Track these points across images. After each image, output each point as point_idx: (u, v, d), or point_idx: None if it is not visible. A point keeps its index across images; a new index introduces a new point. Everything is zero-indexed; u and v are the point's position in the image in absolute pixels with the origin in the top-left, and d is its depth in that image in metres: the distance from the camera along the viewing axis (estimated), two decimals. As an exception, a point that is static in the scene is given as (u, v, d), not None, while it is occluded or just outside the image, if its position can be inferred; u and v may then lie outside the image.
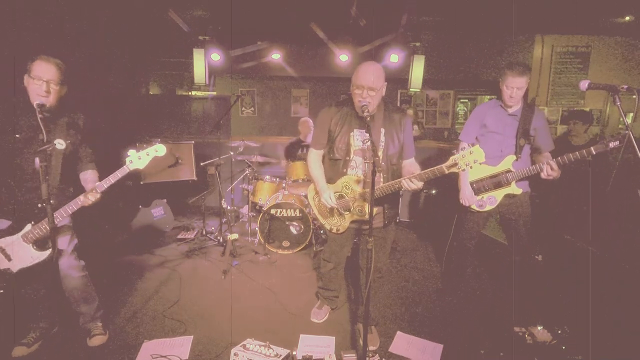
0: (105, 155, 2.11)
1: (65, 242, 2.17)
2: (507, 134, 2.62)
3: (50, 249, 2.02)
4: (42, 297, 2.24)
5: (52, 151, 2.02)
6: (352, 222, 2.28)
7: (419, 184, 1.91)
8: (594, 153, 2.19)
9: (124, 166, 2.01)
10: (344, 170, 2.19)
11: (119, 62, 5.07)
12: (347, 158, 2.16)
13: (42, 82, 1.93)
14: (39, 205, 2.00)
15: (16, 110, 2.00)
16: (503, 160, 2.61)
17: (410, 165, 2.21)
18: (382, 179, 2.12)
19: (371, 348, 2.30)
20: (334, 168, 2.23)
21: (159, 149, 2.05)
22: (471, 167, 1.77)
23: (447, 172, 1.83)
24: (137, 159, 2.02)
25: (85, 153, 2.23)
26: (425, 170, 1.90)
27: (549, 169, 2.35)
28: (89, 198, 2.02)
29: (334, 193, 2.20)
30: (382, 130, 2.15)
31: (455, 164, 1.78)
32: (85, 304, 2.34)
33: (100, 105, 4.17)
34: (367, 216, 2.15)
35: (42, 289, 2.22)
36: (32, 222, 2.01)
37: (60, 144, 2.07)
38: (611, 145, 2.14)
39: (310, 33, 5.28)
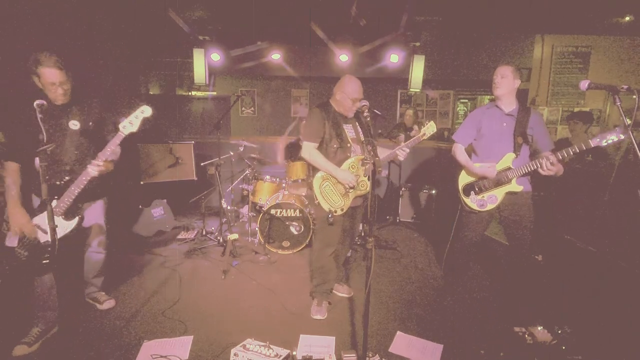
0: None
1: (98, 213, 2.58)
2: (505, 133, 2.64)
3: (78, 218, 2.25)
4: (51, 285, 2.28)
5: (67, 133, 2.29)
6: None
7: (407, 150, 2.60)
8: (592, 146, 2.23)
9: (119, 132, 2.16)
10: (348, 154, 2.63)
11: (119, 62, 5.06)
12: (348, 145, 2.63)
13: (56, 86, 2.17)
14: (57, 183, 2.22)
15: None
16: (502, 158, 2.62)
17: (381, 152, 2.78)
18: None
19: (344, 295, 2.91)
20: (341, 155, 2.62)
21: (144, 110, 2.21)
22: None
23: (422, 138, 2.61)
24: (129, 124, 2.17)
25: (107, 130, 2.46)
26: (409, 140, 2.63)
27: (548, 164, 2.38)
28: (94, 168, 2.17)
29: None
30: (357, 125, 2.77)
31: (424, 135, 2.60)
32: (99, 277, 2.72)
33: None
34: (368, 188, 2.65)
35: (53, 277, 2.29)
36: (56, 197, 2.17)
37: (74, 124, 2.32)
38: (607, 137, 2.16)
39: (310, 33, 5.29)
